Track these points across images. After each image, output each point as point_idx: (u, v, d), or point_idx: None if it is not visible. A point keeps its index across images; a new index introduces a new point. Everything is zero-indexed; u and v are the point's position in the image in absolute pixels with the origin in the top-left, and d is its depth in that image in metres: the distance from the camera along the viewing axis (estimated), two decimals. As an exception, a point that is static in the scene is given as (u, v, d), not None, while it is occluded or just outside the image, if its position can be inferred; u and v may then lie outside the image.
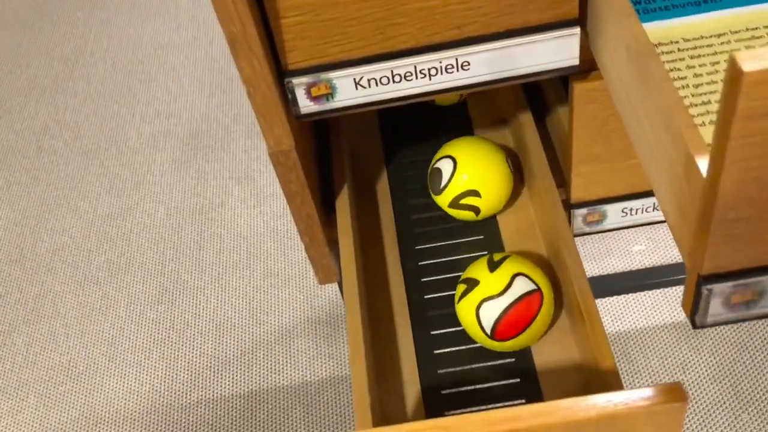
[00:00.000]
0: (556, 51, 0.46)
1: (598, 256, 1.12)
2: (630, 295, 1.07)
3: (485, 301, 0.47)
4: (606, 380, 0.43)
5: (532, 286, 0.47)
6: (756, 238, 0.29)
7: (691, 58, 0.44)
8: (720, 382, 0.95)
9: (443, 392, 0.48)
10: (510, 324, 0.46)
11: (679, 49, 0.44)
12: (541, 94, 0.61)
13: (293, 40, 0.44)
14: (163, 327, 1.15)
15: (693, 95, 0.42)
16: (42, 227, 1.30)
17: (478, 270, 0.49)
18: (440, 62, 0.46)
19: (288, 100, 0.46)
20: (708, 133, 0.40)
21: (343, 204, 0.54)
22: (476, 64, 0.46)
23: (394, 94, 0.47)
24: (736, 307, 0.31)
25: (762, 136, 0.25)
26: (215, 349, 1.12)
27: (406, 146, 0.62)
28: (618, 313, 1.07)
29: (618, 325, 1.06)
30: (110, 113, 1.45)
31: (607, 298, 1.08)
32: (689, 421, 0.93)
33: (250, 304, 1.16)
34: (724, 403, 0.93)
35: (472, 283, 0.48)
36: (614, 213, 0.57)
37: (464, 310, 0.48)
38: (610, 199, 0.57)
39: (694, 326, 0.32)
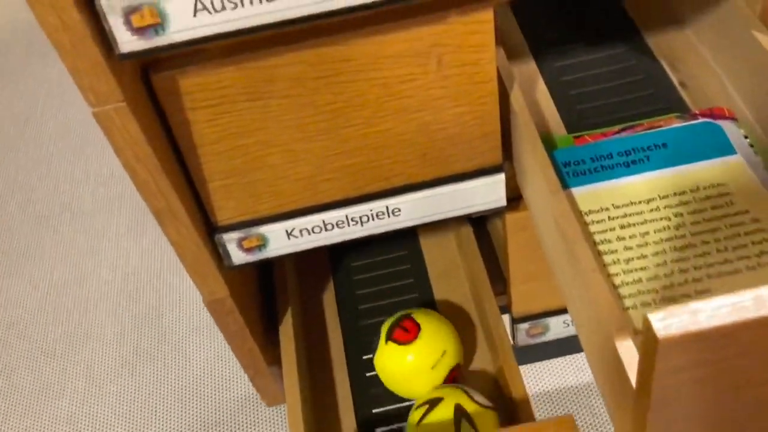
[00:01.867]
0: (483, 194, 0.46)
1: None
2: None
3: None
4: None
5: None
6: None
7: (621, 227, 0.43)
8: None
9: None
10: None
11: (609, 218, 0.44)
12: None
13: (221, 200, 0.43)
14: (124, 400, 1.13)
15: (624, 272, 0.41)
16: (-6, 299, 1.28)
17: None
18: (371, 210, 0.45)
19: (219, 252, 0.45)
20: (638, 316, 0.39)
21: (286, 331, 0.53)
22: (406, 209, 0.46)
23: (327, 241, 0.46)
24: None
25: (678, 387, 0.25)
26: (179, 421, 1.10)
27: (353, 252, 0.62)
28: (581, 367, 1.08)
29: (581, 378, 1.06)
30: (63, 175, 1.43)
31: (572, 355, 1.08)
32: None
33: (213, 373, 1.14)
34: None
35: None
36: (556, 325, 0.58)
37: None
38: (550, 313, 0.57)
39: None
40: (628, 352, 0.32)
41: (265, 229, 0.45)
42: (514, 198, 0.49)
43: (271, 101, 0.40)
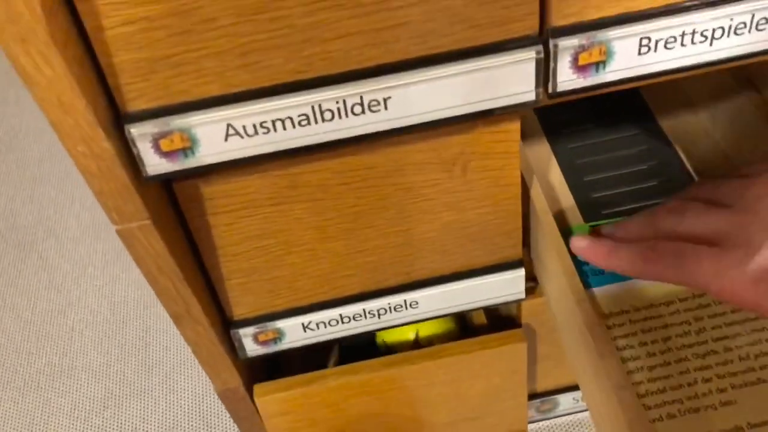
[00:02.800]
0: (502, 288, 0.46)
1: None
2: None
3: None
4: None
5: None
6: None
7: (643, 332, 0.43)
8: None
9: None
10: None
11: (630, 321, 0.43)
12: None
13: (238, 296, 0.42)
14: (109, 435, 1.12)
15: (648, 380, 0.41)
16: (-23, 328, 1.25)
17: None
18: (389, 304, 0.45)
19: (234, 344, 0.45)
20: (665, 430, 0.39)
21: None
22: (424, 302, 0.46)
23: (342, 333, 0.46)
24: None
25: None
26: (165, 457, 1.09)
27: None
28: None
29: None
30: (48, 199, 1.40)
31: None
32: None
33: (200, 407, 1.13)
34: None
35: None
36: (565, 401, 0.58)
37: None
38: (562, 390, 0.57)
39: None
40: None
41: (281, 324, 0.44)
42: (529, 279, 0.49)
43: (295, 205, 0.39)
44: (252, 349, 0.44)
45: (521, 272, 0.46)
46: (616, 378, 0.38)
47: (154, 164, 0.33)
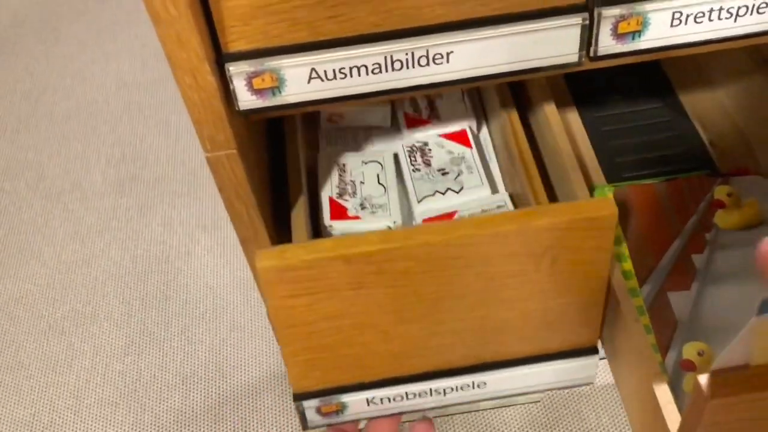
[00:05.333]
0: (573, 373, 0.46)
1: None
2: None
3: None
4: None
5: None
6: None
7: None
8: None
9: None
10: None
11: None
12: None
13: (305, 371, 0.44)
14: (129, 380, 1.17)
15: None
16: (4, 273, 1.30)
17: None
18: (456, 384, 0.46)
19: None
20: None
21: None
22: (492, 383, 0.47)
23: (404, 409, 0.47)
24: None
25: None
26: (182, 404, 1.14)
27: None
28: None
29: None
30: (74, 154, 1.45)
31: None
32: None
33: (217, 358, 1.18)
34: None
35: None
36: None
37: None
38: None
39: None
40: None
41: (346, 398, 0.46)
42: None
43: (375, 290, 0.40)
44: (314, 419, 0.47)
45: (595, 359, 0.46)
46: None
47: (246, 100, 0.39)
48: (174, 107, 1.50)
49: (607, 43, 0.40)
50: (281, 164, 0.53)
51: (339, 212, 0.52)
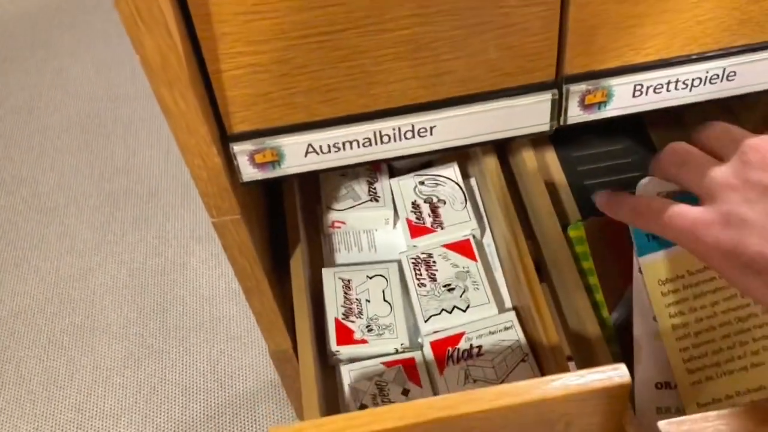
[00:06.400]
0: None
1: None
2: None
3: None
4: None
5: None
6: None
7: (694, 297, 0.49)
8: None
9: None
10: None
11: (684, 286, 0.50)
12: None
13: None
14: (129, 392, 1.21)
15: (693, 346, 0.49)
16: (2, 289, 1.34)
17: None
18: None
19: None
20: (703, 391, 0.47)
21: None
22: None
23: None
24: None
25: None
26: (182, 414, 1.18)
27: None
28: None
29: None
30: (68, 168, 1.48)
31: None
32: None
33: (215, 368, 1.22)
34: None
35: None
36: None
37: None
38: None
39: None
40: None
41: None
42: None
43: None
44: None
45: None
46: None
47: (249, 173, 0.43)
48: (164, 119, 1.54)
49: (575, 113, 0.44)
50: (280, 206, 0.58)
51: (345, 336, 0.53)
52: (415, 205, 0.58)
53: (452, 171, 0.60)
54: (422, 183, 0.59)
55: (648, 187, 0.48)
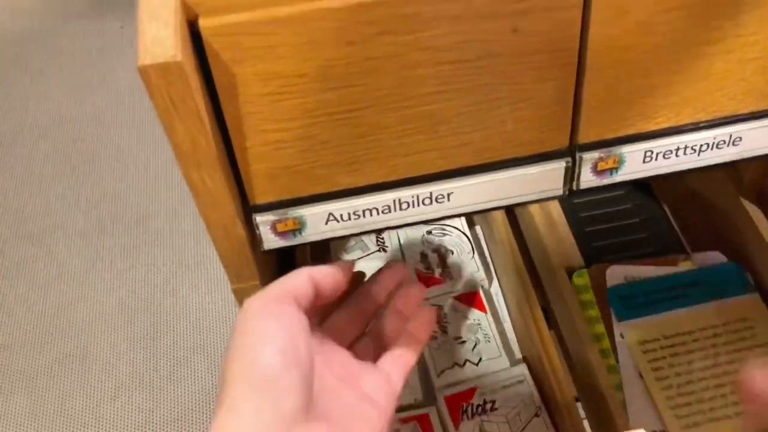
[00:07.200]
0: None
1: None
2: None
3: None
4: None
5: None
6: None
7: (671, 356, 0.56)
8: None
9: None
10: None
11: (660, 347, 0.57)
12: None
13: None
14: (120, 424, 1.21)
15: (678, 395, 0.55)
16: (-10, 319, 1.33)
17: None
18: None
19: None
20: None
21: None
22: None
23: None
24: None
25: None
26: (175, 445, 1.18)
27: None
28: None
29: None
30: (54, 195, 1.48)
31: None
32: None
33: (207, 398, 1.23)
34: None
35: None
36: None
37: None
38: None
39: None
40: None
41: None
42: None
43: None
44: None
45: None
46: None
47: (270, 241, 0.44)
48: (152, 146, 1.54)
49: (587, 179, 0.46)
50: (291, 257, 0.59)
51: None
52: (424, 255, 0.59)
53: (459, 221, 0.61)
54: (429, 233, 0.60)
55: None
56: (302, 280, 0.42)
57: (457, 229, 0.60)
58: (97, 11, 1.81)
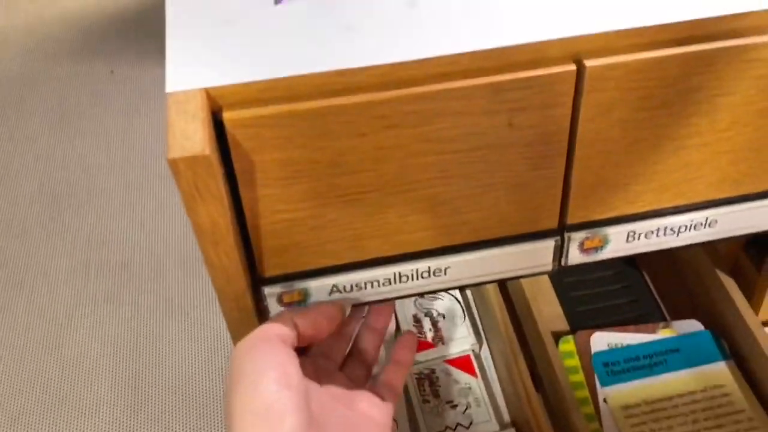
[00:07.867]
0: None
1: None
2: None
3: None
4: None
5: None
6: None
7: (653, 421, 0.60)
8: None
9: None
10: None
11: (642, 412, 0.60)
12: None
13: None
14: (100, 473, 1.22)
15: None
16: (-30, 364, 1.33)
17: None
18: None
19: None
20: None
21: None
22: None
23: None
24: None
25: None
26: (155, 496, 1.19)
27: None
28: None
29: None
30: (38, 239, 1.49)
31: None
32: None
33: (189, 448, 1.24)
34: None
35: None
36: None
37: None
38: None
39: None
40: None
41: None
42: None
43: None
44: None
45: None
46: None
47: (275, 311, 0.48)
48: (138, 191, 1.56)
49: (575, 256, 0.50)
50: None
51: None
52: (417, 319, 0.62)
53: (450, 286, 0.65)
54: (421, 296, 0.64)
55: None
56: (286, 322, 0.46)
57: (449, 294, 0.63)
58: (87, 56, 1.84)
